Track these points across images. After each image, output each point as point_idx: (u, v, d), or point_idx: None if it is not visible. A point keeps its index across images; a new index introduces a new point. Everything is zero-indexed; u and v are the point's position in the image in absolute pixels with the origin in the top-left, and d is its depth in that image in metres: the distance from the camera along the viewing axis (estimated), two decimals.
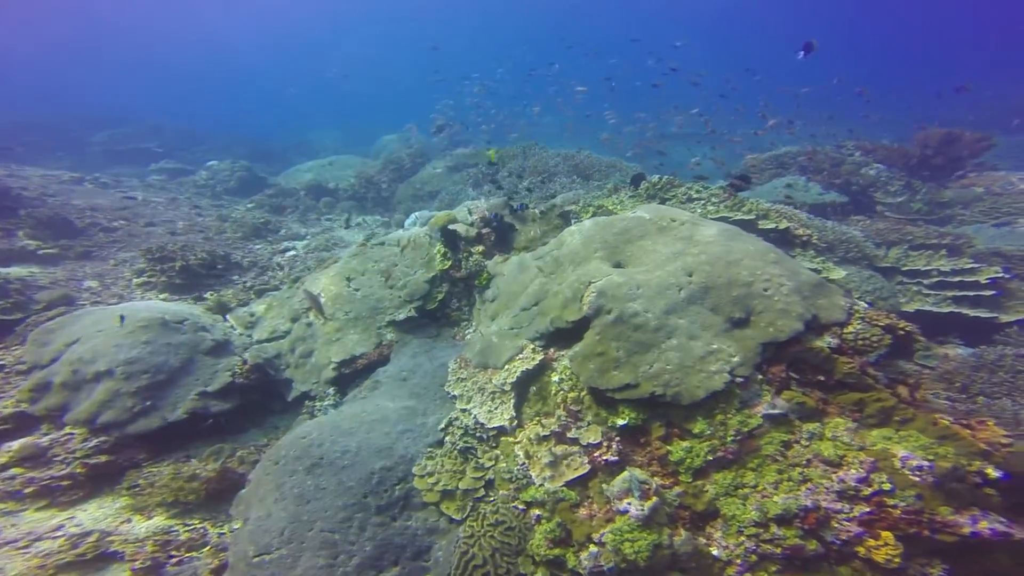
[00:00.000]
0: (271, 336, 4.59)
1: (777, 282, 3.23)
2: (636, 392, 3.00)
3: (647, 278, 3.38)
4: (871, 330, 3.07)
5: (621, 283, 3.34)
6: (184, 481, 3.15)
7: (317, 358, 4.25)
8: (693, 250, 3.51)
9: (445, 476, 3.09)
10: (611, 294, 3.28)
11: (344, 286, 4.73)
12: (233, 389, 3.92)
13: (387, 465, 3.06)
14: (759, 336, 3.10)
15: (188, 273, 5.75)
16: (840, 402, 3.05)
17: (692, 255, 3.47)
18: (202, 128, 24.15)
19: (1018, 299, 5.91)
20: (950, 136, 9.94)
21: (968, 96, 12.27)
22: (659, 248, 3.67)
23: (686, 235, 3.71)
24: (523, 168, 11.15)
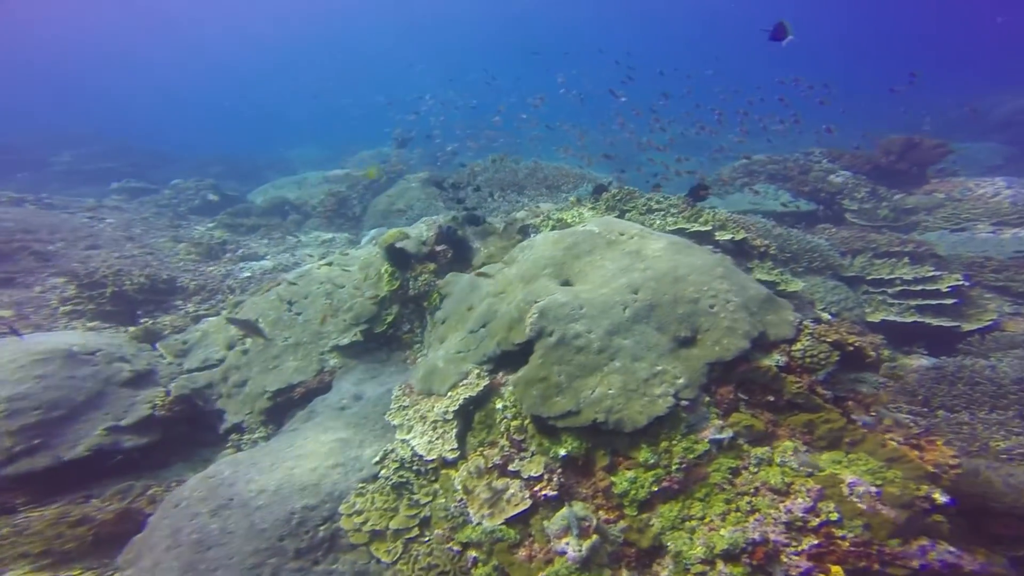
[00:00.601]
0: (203, 365, 4.33)
1: (724, 298, 3.17)
2: (578, 419, 2.87)
3: (592, 296, 3.29)
4: (819, 347, 3.02)
5: (564, 303, 3.23)
6: (67, 526, 2.86)
7: (251, 387, 4.02)
8: (640, 265, 3.44)
9: (375, 514, 2.88)
10: (553, 315, 3.17)
11: (284, 310, 4.53)
12: (153, 422, 3.66)
13: (311, 504, 2.84)
14: (705, 356, 3.01)
15: (122, 299, 5.46)
16: (790, 424, 2.97)
17: (639, 271, 3.40)
18: (179, 147, 23.94)
19: (978, 307, 6.03)
20: (910, 142, 10.30)
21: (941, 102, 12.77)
22: (607, 264, 3.59)
23: (634, 249, 3.64)
24: (492, 181, 11.17)
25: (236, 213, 12.53)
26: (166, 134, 29.86)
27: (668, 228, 5.29)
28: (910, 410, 4.31)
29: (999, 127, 17.99)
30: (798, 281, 4.75)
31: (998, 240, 7.35)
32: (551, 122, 10.74)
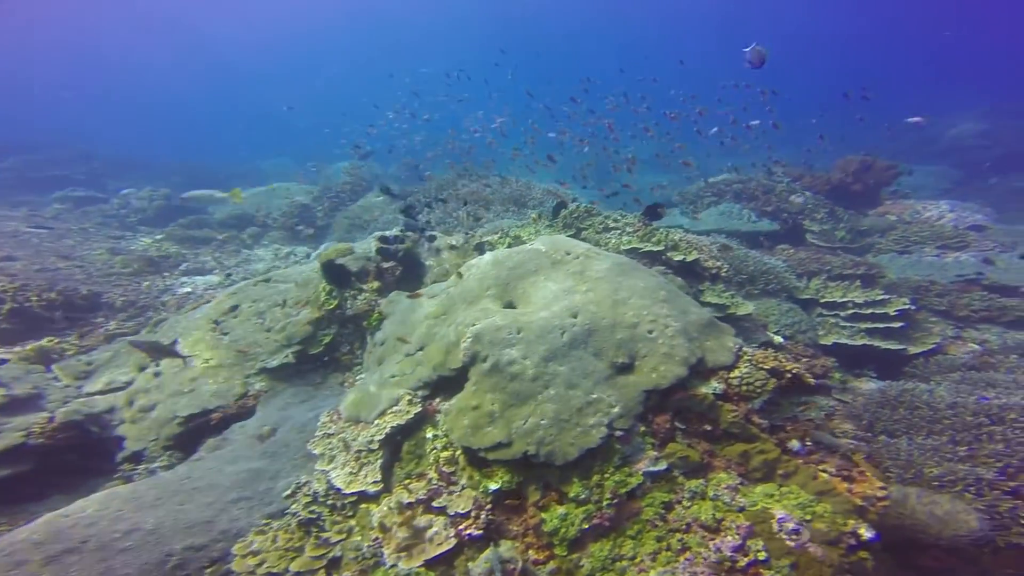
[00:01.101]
0: (107, 388, 4.01)
1: (663, 323, 3.16)
2: (509, 451, 2.76)
3: (531, 320, 3.22)
4: (756, 374, 3.03)
5: (501, 326, 3.15)
6: None
7: (160, 412, 3.73)
8: (582, 287, 3.41)
9: (275, 555, 2.67)
10: (488, 339, 3.08)
11: (209, 330, 4.27)
12: (25, 451, 3.34)
13: (196, 544, 2.60)
14: (642, 383, 2.98)
15: (24, 317, 5.04)
16: (726, 454, 2.95)
17: (580, 293, 3.36)
18: (153, 155, 23.23)
19: (923, 330, 6.31)
20: (865, 163, 10.88)
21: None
22: (550, 285, 3.54)
23: (578, 270, 3.61)
24: (457, 195, 11.19)
25: (189, 224, 12.07)
26: (148, 142, 29.08)
27: (623, 247, 5.33)
28: (855, 435, 4.41)
29: (948, 151, 19.33)
30: (748, 304, 4.84)
31: (942, 263, 7.77)
32: (513, 135, 10.84)
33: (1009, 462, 3.21)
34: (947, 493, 3.01)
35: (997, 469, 3.21)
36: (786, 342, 5.95)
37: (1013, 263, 7.46)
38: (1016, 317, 6.39)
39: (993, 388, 4.24)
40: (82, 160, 18.63)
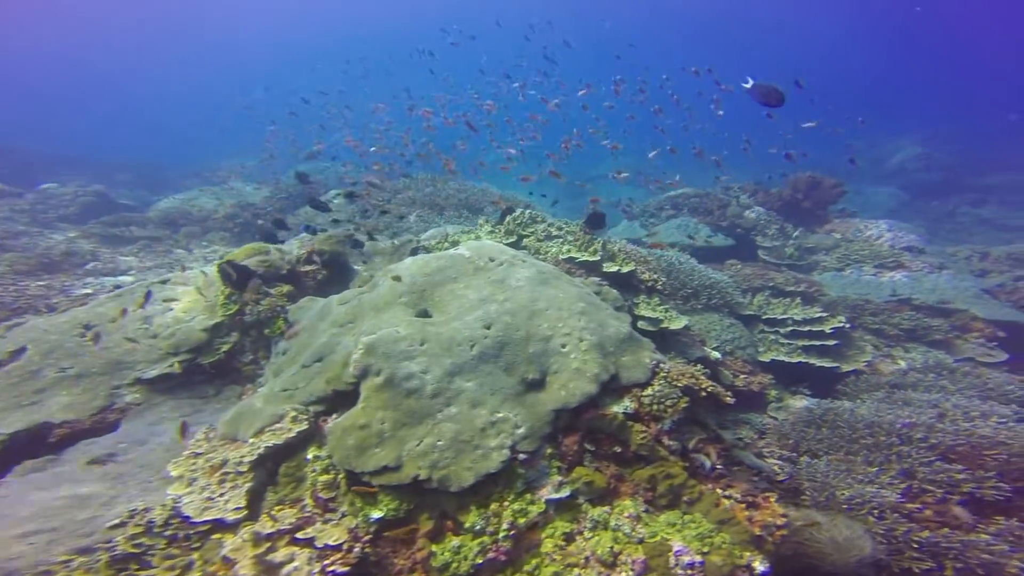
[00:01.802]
0: None
1: (577, 336, 3.09)
2: (397, 476, 2.59)
3: (439, 330, 3.07)
4: (668, 392, 3.00)
5: (401, 337, 2.98)
6: None
7: None
8: (500, 296, 3.30)
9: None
10: (383, 351, 2.90)
11: (74, 334, 3.85)
12: None
13: None
14: (551, 401, 2.88)
15: None
16: (635, 479, 2.90)
17: (497, 303, 3.25)
18: (96, 151, 21.91)
19: (856, 348, 6.63)
20: (813, 181, 11.49)
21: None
22: (469, 293, 3.41)
23: (500, 278, 3.50)
24: (413, 200, 11.04)
25: (114, 223, 11.27)
26: (101, 139, 27.31)
27: (561, 256, 5.29)
28: (781, 455, 4.52)
29: (895, 173, 20.85)
30: (682, 318, 4.89)
31: (878, 283, 8.25)
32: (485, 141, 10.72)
33: (911, 483, 3.33)
34: (848, 517, 3.07)
35: (901, 490, 3.32)
36: (724, 358, 6.10)
37: (939, 284, 8.02)
38: (938, 337, 6.83)
39: (908, 407, 4.46)
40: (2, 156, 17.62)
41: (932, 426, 3.76)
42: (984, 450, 3.36)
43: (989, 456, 3.30)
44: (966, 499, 3.19)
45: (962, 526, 2.99)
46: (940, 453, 3.54)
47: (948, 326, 7.08)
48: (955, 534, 2.89)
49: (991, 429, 3.58)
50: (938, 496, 3.25)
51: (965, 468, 3.29)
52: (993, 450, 3.34)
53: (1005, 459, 3.24)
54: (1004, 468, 3.20)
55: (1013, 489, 3.08)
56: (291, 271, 4.64)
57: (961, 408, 4.09)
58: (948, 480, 3.24)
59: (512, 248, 5.16)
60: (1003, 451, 3.30)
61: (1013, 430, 3.55)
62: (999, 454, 3.29)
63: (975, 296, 7.69)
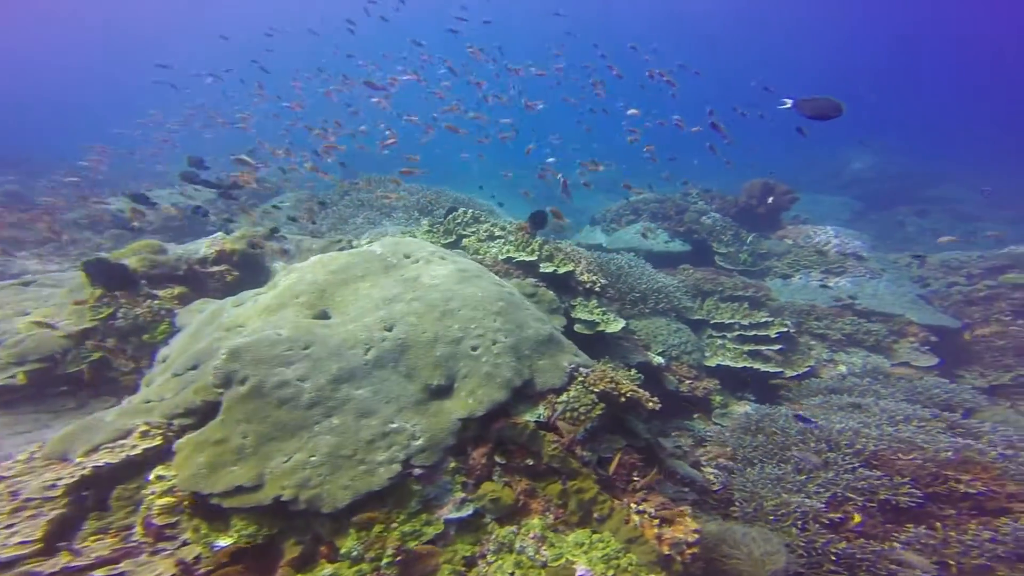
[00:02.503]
0: None
1: (491, 338, 2.94)
2: (255, 497, 2.32)
3: (331, 332, 2.85)
4: (583, 398, 2.90)
5: (278, 341, 2.74)
6: None
7: None
8: (409, 295, 3.11)
9: None
10: (252, 357, 2.65)
11: None
12: None
13: None
14: (458, 409, 2.72)
15: None
16: (547, 494, 2.77)
17: (404, 302, 3.06)
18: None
19: (800, 353, 6.84)
20: (767, 187, 11.93)
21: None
22: (374, 292, 3.21)
23: (412, 276, 3.32)
24: (361, 201, 10.79)
25: (17, 223, 10.26)
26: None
27: (500, 257, 5.17)
28: (719, 463, 4.53)
29: (850, 183, 22.09)
30: (620, 321, 4.86)
31: (824, 288, 8.59)
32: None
33: (835, 491, 3.37)
34: (768, 530, 3.06)
35: (825, 499, 3.36)
36: (670, 363, 6.14)
37: (879, 289, 8.44)
38: (876, 341, 7.15)
39: (841, 411, 4.58)
40: None
41: (858, 431, 3.85)
42: (902, 454, 3.45)
43: (905, 461, 3.38)
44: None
45: (876, 536, 3.03)
46: (865, 459, 3.61)
47: (886, 331, 7.42)
48: (869, 544, 2.92)
49: (910, 433, 3.69)
50: (858, 504, 3.29)
51: (885, 474, 3.36)
52: (909, 454, 3.43)
53: (920, 463, 3.34)
54: (918, 473, 3.28)
55: (925, 495, 3.16)
56: (189, 271, 4.28)
57: (888, 412, 4.22)
58: (867, 487, 3.30)
59: (444, 247, 4.99)
60: (918, 455, 3.40)
61: (929, 434, 3.67)
62: (914, 458, 3.38)
63: (911, 301, 8.13)
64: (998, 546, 2.61)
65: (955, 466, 3.24)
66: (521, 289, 4.83)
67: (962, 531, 2.84)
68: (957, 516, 3.01)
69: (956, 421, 4.04)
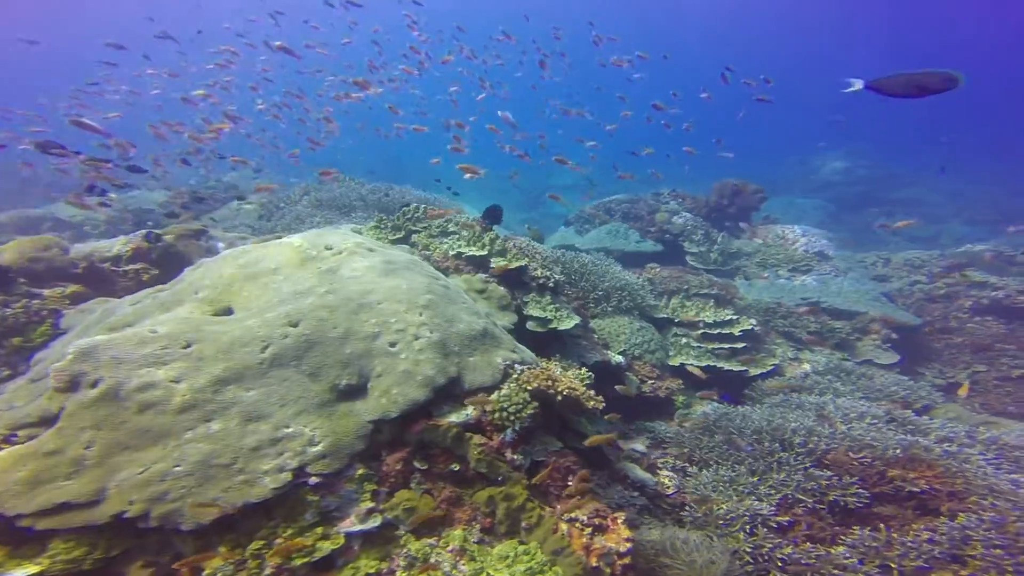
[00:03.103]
0: None
1: (414, 333, 2.74)
2: (84, 515, 2.02)
3: (224, 329, 2.61)
4: (515, 396, 2.73)
5: (149, 338, 2.49)
6: None
7: None
8: (323, 288, 2.89)
9: None
10: (110, 357, 2.38)
11: None
12: None
13: None
14: (369, 411, 2.51)
15: None
16: (475, 501, 2.58)
17: (316, 296, 2.83)
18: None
19: (765, 351, 6.83)
20: (736, 188, 12.07)
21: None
22: (285, 286, 2.97)
23: (331, 268, 3.09)
24: (320, 201, 10.52)
25: None
26: None
27: (451, 252, 4.97)
28: (674, 465, 4.42)
29: (824, 186, 22.67)
30: (573, 318, 4.72)
31: (791, 287, 8.67)
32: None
33: (786, 493, 3.28)
34: (712, 535, 2.94)
35: (776, 502, 3.26)
36: (632, 362, 6.04)
37: (844, 287, 8.57)
38: (841, 339, 7.22)
39: (801, 409, 4.52)
40: None
41: (812, 430, 3.78)
42: (852, 453, 3.38)
43: (855, 460, 3.32)
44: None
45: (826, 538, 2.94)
46: (816, 458, 3.54)
47: (850, 328, 7.50)
48: (814, 549, 2.82)
49: (862, 431, 3.64)
50: (808, 506, 3.21)
51: (835, 474, 3.29)
52: (860, 453, 3.37)
53: (869, 462, 3.27)
54: (866, 472, 3.22)
55: (872, 495, 3.09)
56: (89, 269, 3.95)
57: (842, 410, 4.18)
58: (816, 488, 3.21)
59: (393, 243, 4.78)
60: (868, 454, 3.34)
61: (881, 431, 3.63)
62: (864, 457, 3.32)
63: (874, 299, 8.26)
64: (935, 547, 2.54)
65: (902, 464, 3.19)
66: (470, 285, 4.64)
67: (905, 532, 2.77)
68: (903, 516, 2.94)
69: (907, 418, 4.02)
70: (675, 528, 3.17)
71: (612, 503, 3.37)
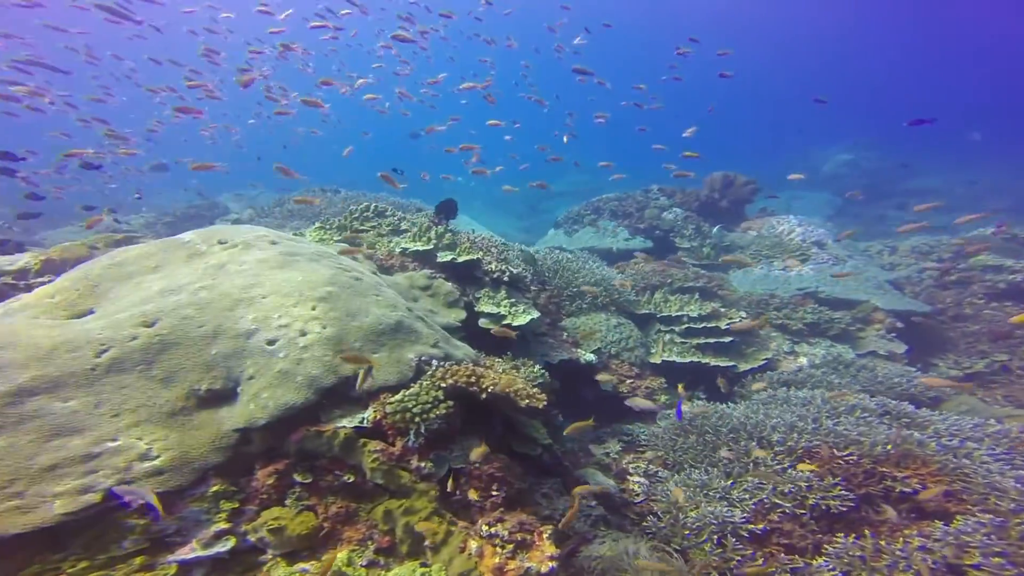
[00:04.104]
0: None
1: (299, 329, 2.41)
2: None
3: (53, 333, 2.30)
4: (424, 396, 2.37)
5: None
6: None
7: None
8: (197, 284, 2.59)
9: None
10: None
11: None
12: None
13: None
14: (235, 419, 2.17)
15: None
16: (372, 517, 2.21)
17: (189, 292, 2.52)
18: None
19: (755, 346, 6.41)
20: (727, 180, 11.71)
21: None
22: (157, 284, 2.68)
23: (218, 263, 2.79)
24: (291, 211, 10.55)
25: None
26: None
27: (397, 249, 4.67)
28: (645, 470, 4.01)
29: (829, 180, 22.14)
30: (530, 313, 4.36)
31: (786, 278, 8.24)
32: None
33: (761, 497, 2.87)
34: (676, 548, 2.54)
35: (751, 507, 2.85)
36: (605, 360, 5.64)
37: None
38: (840, 330, 6.77)
39: (787, 404, 4.10)
40: None
41: (792, 426, 3.37)
42: (837, 451, 2.97)
43: (840, 458, 2.90)
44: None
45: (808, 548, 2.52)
46: (797, 457, 3.13)
47: (850, 318, 7.05)
48: (788, 562, 2.41)
49: (849, 426, 3.23)
50: (787, 511, 2.79)
51: (816, 475, 2.87)
52: (845, 450, 2.96)
53: (855, 460, 2.86)
54: (852, 471, 2.80)
55: (860, 497, 2.68)
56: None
57: (829, 404, 3.76)
58: (794, 491, 2.80)
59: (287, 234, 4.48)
60: (855, 451, 2.92)
61: (871, 426, 3.21)
62: (850, 454, 2.90)
63: (877, 287, 7.81)
64: (928, 555, 2.12)
65: (893, 462, 2.77)
66: (412, 282, 4.31)
67: (895, 539, 2.35)
68: (895, 519, 2.52)
69: (903, 411, 3.60)
70: (631, 541, 2.77)
71: (557, 514, 2.98)
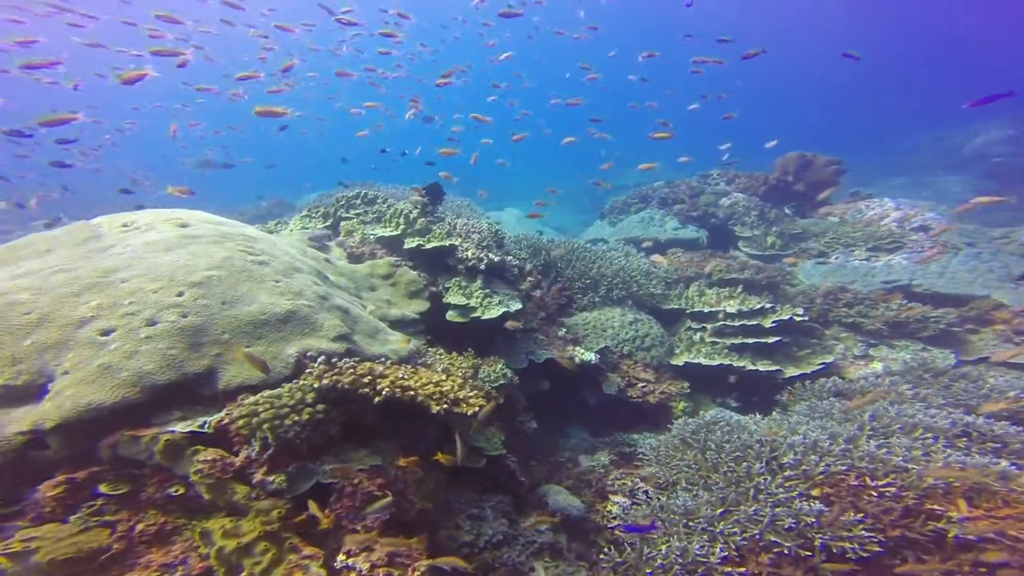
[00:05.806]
0: None
1: (146, 317, 2.17)
2: None
3: None
4: (287, 398, 2.01)
5: None
6: None
7: None
8: (56, 267, 2.45)
9: None
10: None
11: None
12: None
13: None
14: (22, 421, 1.96)
15: None
16: (192, 536, 1.88)
17: (38, 277, 2.42)
18: None
19: (813, 347, 5.34)
20: (803, 160, 10.27)
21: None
22: (24, 267, 2.59)
23: (103, 247, 2.66)
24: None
25: None
26: None
27: (371, 238, 4.41)
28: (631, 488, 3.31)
29: (972, 160, 18.69)
30: (509, 305, 3.86)
31: (867, 269, 6.91)
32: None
33: (754, 532, 2.14)
34: None
35: (737, 544, 2.14)
36: (612, 360, 4.91)
37: (951, 266, 6.61)
38: (938, 331, 5.45)
39: (827, 418, 3.21)
40: None
41: (815, 445, 2.56)
42: (870, 479, 2.15)
43: (872, 489, 2.09)
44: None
45: None
46: (812, 484, 2.34)
47: (957, 318, 5.68)
48: None
49: (900, 448, 2.36)
50: (784, 551, 2.05)
51: (829, 508, 2.09)
52: (883, 479, 2.13)
53: (893, 493, 2.04)
54: (884, 507, 1.99)
55: (890, 540, 1.87)
56: None
57: (878, 419, 2.85)
58: (797, 526, 2.05)
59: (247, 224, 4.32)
60: (895, 480, 2.09)
61: (928, 450, 2.32)
62: (887, 484, 2.08)
63: (999, 280, 6.26)
64: None
65: (950, 497, 1.93)
66: (373, 270, 4.01)
67: None
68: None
69: (993, 433, 2.60)
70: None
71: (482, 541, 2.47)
